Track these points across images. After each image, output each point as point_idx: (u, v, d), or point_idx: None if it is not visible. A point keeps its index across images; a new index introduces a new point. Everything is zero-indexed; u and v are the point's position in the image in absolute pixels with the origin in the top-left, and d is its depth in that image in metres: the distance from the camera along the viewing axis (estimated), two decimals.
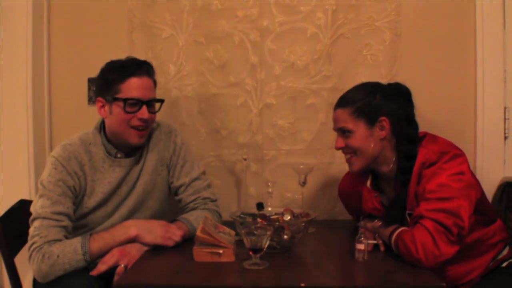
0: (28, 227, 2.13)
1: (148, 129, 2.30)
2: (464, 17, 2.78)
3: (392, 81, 2.28)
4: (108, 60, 2.85)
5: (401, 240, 1.92)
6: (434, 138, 2.13)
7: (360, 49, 2.78)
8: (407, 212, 2.08)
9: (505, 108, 2.74)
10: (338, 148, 2.20)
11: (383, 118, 2.10)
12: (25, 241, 2.37)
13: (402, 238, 1.93)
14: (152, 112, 2.28)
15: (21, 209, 2.43)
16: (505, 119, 2.74)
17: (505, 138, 2.74)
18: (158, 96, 2.35)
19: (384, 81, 2.69)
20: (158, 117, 2.41)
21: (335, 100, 2.69)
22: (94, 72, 2.86)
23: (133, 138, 2.25)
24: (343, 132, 2.16)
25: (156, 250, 2.13)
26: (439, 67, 2.77)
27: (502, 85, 2.74)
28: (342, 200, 2.63)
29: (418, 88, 2.73)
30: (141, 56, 2.76)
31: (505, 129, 2.74)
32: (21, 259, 2.35)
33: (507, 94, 2.75)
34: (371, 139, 2.12)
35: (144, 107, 2.22)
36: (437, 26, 2.79)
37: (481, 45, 2.75)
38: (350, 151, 2.17)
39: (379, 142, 2.13)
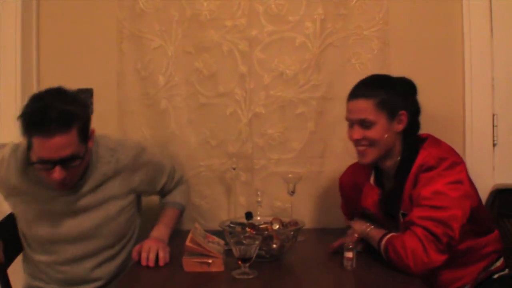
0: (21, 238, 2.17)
1: (72, 181, 2.11)
2: (452, 25, 2.80)
3: None
4: (97, 70, 2.88)
5: (391, 246, 1.93)
6: (437, 142, 2.13)
7: (348, 58, 2.79)
8: (401, 211, 2.08)
9: (493, 115, 2.75)
10: (354, 139, 2.16)
11: (403, 112, 2.11)
12: (18, 252, 2.38)
13: (392, 243, 1.93)
14: (73, 166, 2.01)
15: (14, 220, 2.42)
16: (493, 126, 2.75)
17: (494, 145, 2.75)
18: (148, 108, 2.37)
19: None
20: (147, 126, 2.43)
21: (324, 109, 2.73)
22: (84, 83, 2.89)
23: (57, 187, 2.07)
24: (362, 123, 2.12)
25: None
26: (428, 75, 2.78)
27: (490, 92, 2.75)
28: (342, 194, 2.60)
29: None
30: (130, 67, 2.81)
31: (493, 136, 2.75)
32: (14, 270, 2.35)
33: (496, 101, 2.76)
34: (389, 132, 2.11)
35: (57, 168, 1.96)
36: (425, 34, 2.80)
37: (469, 52, 2.76)
38: (366, 143, 2.13)
39: (394, 135, 2.13)
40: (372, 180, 2.30)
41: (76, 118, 1.95)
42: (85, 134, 2.03)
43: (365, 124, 2.10)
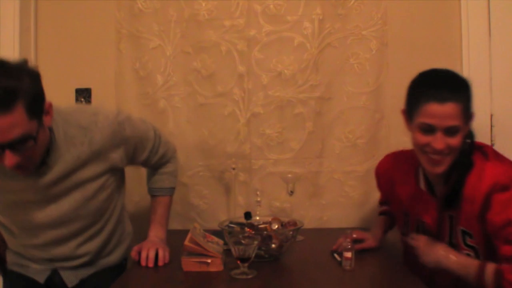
0: None
1: (32, 164, 1.88)
2: (450, 26, 2.80)
3: (377, 90, 2.24)
4: (95, 70, 2.88)
5: (507, 282, 1.77)
6: (498, 155, 1.96)
7: (347, 58, 2.78)
8: (461, 228, 1.94)
9: (491, 115, 2.75)
10: (439, 149, 1.86)
11: (472, 113, 1.93)
12: None
13: (507, 280, 1.77)
14: (26, 149, 1.76)
15: None
16: (491, 126, 2.75)
17: (492, 145, 2.74)
18: (147, 107, 2.32)
19: (370, 90, 2.72)
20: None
21: (322, 109, 2.73)
22: (82, 83, 2.89)
23: (16, 172, 1.85)
24: (448, 130, 1.85)
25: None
26: None
27: (488, 93, 2.76)
28: (378, 180, 2.45)
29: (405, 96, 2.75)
30: (128, 67, 2.81)
31: (491, 137, 2.75)
32: None
33: (493, 102, 2.76)
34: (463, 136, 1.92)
35: (7, 153, 1.72)
36: (423, 34, 2.80)
37: (467, 53, 2.76)
38: (447, 152, 1.88)
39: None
40: (423, 185, 2.11)
41: (20, 93, 1.67)
42: (37, 109, 1.76)
43: (450, 131, 1.85)
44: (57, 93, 2.87)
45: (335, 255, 2.14)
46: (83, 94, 2.87)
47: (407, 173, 2.20)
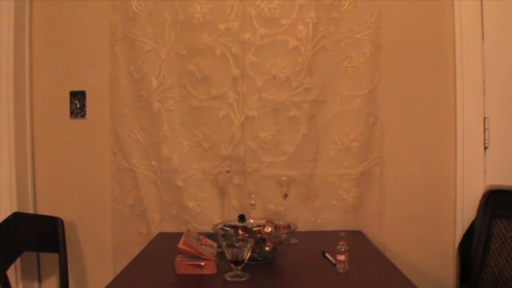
0: (22, 239, 2.11)
1: None
2: (443, 29, 2.81)
3: (371, 94, 2.24)
4: (90, 72, 2.88)
5: None
6: None
7: (341, 61, 2.79)
8: None
9: (484, 118, 2.76)
10: None
11: None
12: (18, 254, 2.36)
13: None
14: None
15: (15, 221, 2.42)
16: (484, 129, 2.76)
17: (485, 148, 2.76)
18: (141, 110, 2.30)
19: (364, 93, 2.72)
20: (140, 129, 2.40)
21: (316, 112, 2.74)
22: (77, 85, 2.89)
23: None
24: None
25: (138, 262, 2.13)
26: (419, 79, 2.80)
27: (482, 96, 2.76)
28: None
29: (399, 100, 2.77)
30: (123, 69, 2.83)
31: (485, 139, 2.76)
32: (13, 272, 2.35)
33: (487, 105, 2.77)
34: None
35: None
36: (417, 38, 2.81)
37: (460, 56, 2.77)
38: None
39: None
40: None
41: None
42: None
43: None
44: (52, 95, 2.92)
45: (327, 255, 2.15)
46: (78, 97, 2.87)
47: None
